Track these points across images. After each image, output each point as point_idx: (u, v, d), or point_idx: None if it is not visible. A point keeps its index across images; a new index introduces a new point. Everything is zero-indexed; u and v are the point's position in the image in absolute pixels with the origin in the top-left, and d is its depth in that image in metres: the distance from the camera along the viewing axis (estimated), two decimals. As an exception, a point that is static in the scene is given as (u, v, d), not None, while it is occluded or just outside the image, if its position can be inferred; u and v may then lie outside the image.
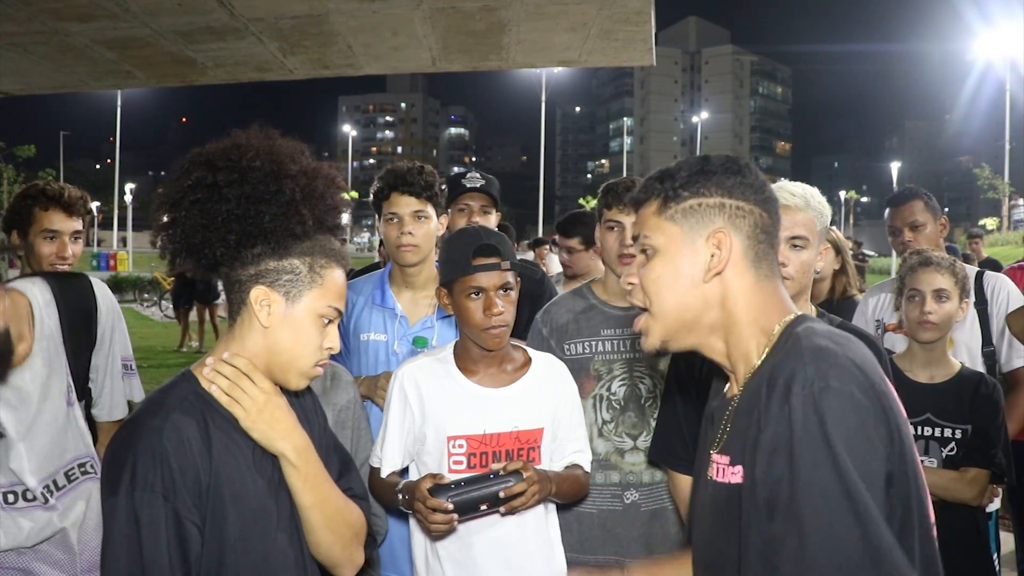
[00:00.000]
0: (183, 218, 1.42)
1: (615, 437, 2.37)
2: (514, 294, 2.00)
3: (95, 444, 2.40)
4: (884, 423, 1.01)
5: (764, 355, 1.17)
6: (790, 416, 1.01)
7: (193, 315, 12.84)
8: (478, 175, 2.97)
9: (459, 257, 1.95)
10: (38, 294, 2.26)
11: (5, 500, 2.12)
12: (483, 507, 1.85)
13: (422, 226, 2.43)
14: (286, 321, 1.44)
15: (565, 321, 2.43)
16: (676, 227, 1.21)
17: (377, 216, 2.54)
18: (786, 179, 2.01)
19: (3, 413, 2.13)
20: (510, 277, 1.98)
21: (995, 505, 2.61)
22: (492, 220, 2.95)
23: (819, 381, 1.00)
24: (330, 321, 1.48)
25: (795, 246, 1.89)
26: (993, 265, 6.97)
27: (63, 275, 2.48)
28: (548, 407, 2.06)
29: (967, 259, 7.35)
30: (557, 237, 4.18)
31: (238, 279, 1.44)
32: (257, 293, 1.42)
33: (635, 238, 1.28)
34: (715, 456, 1.21)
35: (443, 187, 2.53)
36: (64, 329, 2.30)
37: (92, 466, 2.30)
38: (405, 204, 2.42)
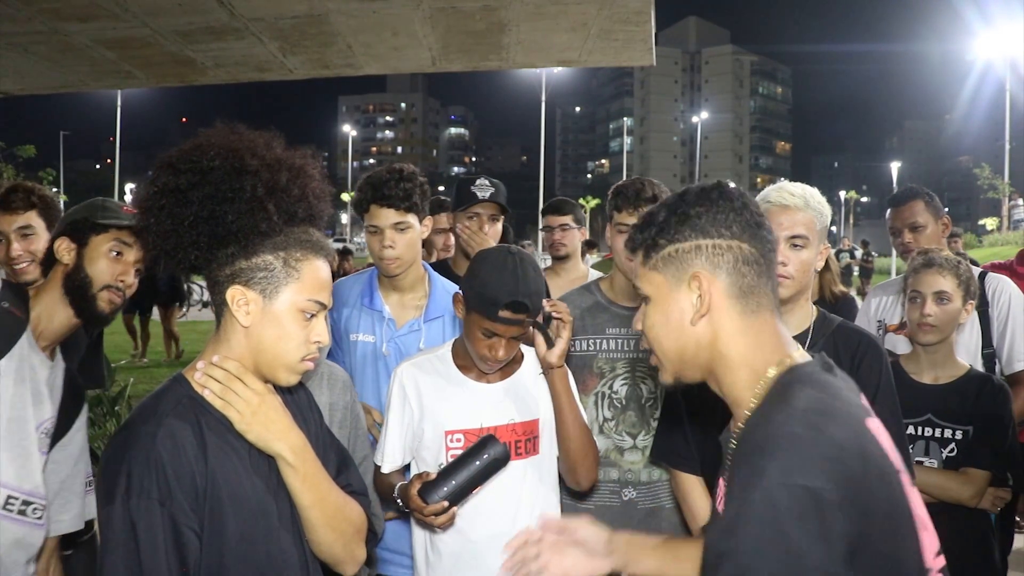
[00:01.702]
0: (153, 224, 1.43)
1: (615, 435, 2.39)
2: (522, 337, 2.00)
3: None
4: (850, 510, 1.00)
5: (754, 407, 1.16)
6: (751, 504, 1.01)
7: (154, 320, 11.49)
8: (487, 183, 2.97)
9: (488, 298, 1.90)
10: None
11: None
12: (477, 489, 1.87)
13: (403, 236, 2.39)
14: (266, 318, 1.42)
15: (571, 317, 2.44)
16: (660, 275, 1.23)
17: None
18: (786, 179, 2.02)
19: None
20: (527, 325, 1.97)
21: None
22: (499, 227, 2.97)
23: (783, 476, 1.00)
24: (313, 315, 1.45)
25: (795, 245, 1.90)
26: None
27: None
28: (544, 397, 2.08)
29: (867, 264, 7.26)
30: (546, 218, 4.21)
31: (216, 280, 1.44)
32: (233, 293, 1.41)
33: (635, 287, 1.31)
34: (721, 482, 1.23)
35: (425, 188, 2.47)
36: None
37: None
38: (385, 216, 2.37)
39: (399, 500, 1.92)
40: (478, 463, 1.83)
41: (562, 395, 2.03)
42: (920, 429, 2.42)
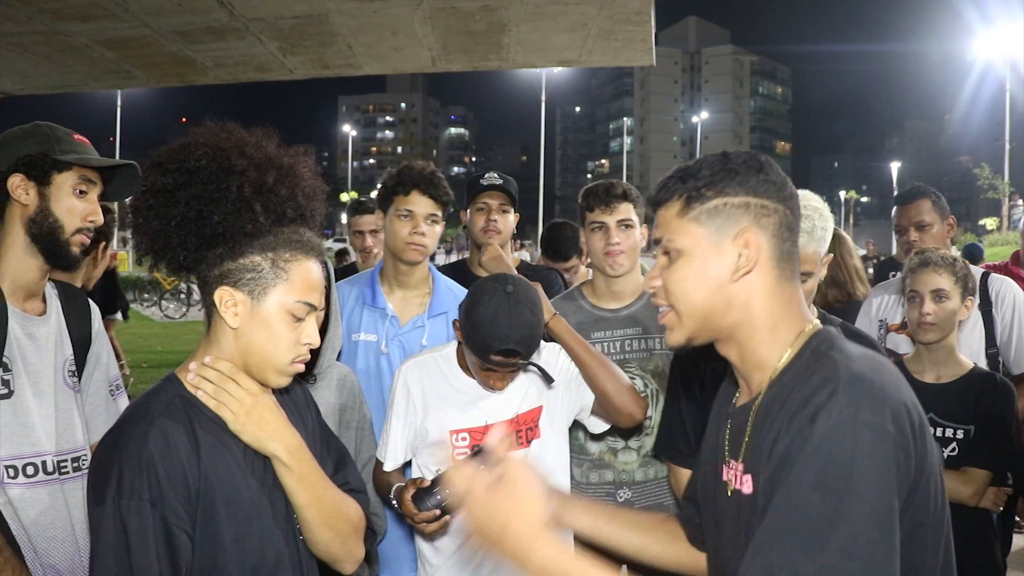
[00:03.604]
0: (143, 224, 1.43)
1: (608, 437, 2.39)
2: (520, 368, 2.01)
3: None
4: (910, 452, 1.01)
5: (783, 366, 1.16)
6: (812, 437, 1.00)
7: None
8: (496, 175, 2.99)
9: (480, 344, 1.88)
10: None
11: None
12: None
13: (433, 229, 2.43)
14: (254, 320, 1.40)
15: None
16: (701, 228, 1.18)
17: (381, 208, 2.51)
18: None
19: None
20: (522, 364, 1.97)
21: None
22: (511, 219, 2.96)
23: (851, 410, 1.00)
24: (301, 318, 1.42)
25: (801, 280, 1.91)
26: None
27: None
28: (542, 386, 2.09)
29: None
30: (545, 257, 4.25)
31: (206, 281, 1.43)
32: (220, 294, 1.40)
33: (656, 241, 1.26)
34: (732, 463, 1.22)
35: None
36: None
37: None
38: (424, 205, 2.40)
39: (395, 501, 1.93)
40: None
41: (566, 338, 2.08)
42: None
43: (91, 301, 2.08)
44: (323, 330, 1.87)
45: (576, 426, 2.25)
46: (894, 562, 0.96)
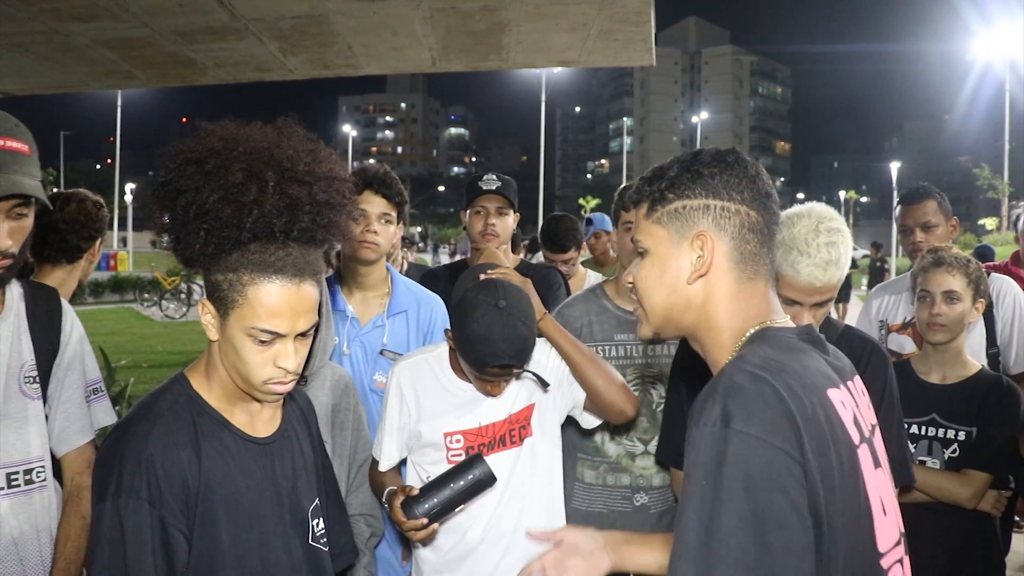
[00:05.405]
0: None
1: (626, 441, 2.38)
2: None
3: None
4: (797, 461, 1.00)
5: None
6: (690, 449, 1.03)
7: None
8: (494, 177, 2.98)
9: (476, 359, 1.86)
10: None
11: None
12: (459, 508, 1.87)
13: (386, 228, 2.45)
14: (224, 337, 1.37)
15: (579, 325, 2.42)
16: (663, 230, 1.21)
17: None
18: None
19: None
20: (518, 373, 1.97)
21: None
22: (509, 222, 2.96)
23: (722, 421, 1.01)
24: (266, 341, 1.33)
25: (818, 307, 1.90)
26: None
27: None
28: (534, 384, 2.08)
29: (878, 267, 7.19)
30: (544, 249, 4.30)
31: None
32: (201, 304, 1.39)
33: (633, 240, 1.28)
34: None
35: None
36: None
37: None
38: (377, 204, 2.43)
39: (385, 506, 1.94)
40: (462, 483, 1.83)
41: (558, 339, 2.06)
42: (924, 428, 2.40)
43: (67, 304, 1.97)
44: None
45: (596, 428, 2.23)
46: (768, 565, 0.96)
